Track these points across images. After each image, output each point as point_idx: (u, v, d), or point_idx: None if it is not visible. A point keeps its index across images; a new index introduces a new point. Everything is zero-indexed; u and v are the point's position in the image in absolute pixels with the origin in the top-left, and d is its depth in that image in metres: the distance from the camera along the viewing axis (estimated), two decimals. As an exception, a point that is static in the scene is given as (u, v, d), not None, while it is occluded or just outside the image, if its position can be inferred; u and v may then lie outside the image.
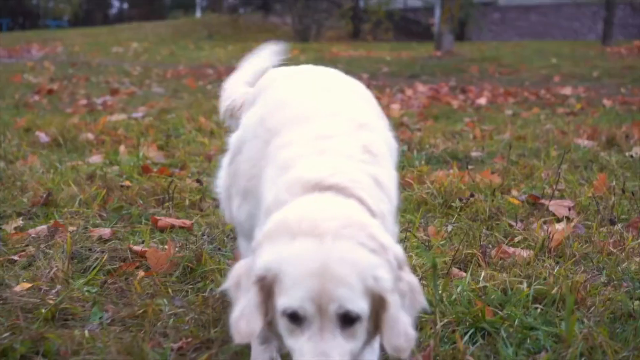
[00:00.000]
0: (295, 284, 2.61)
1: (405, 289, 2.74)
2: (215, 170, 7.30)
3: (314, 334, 2.60)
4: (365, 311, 2.62)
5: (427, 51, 27.82)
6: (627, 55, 24.76)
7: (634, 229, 5.36)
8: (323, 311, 2.58)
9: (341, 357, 2.59)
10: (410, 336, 2.69)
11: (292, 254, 2.65)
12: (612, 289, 4.19)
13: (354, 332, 2.63)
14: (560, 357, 3.29)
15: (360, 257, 2.65)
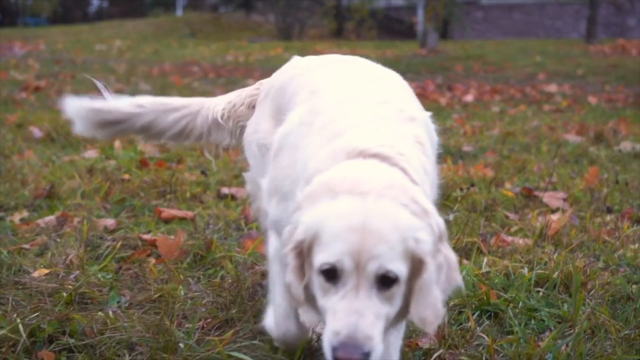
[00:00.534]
0: (334, 238, 2.58)
1: (443, 262, 2.70)
2: (211, 165, 7.50)
3: (349, 291, 2.57)
4: (404, 274, 2.59)
5: (412, 49, 28.00)
6: (610, 53, 25.03)
7: (627, 218, 5.53)
8: (361, 269, 2.55)
9: (375, 319, 2.56)
10: (440, 311, 2.66)
11: (333, 211, 2.62)
12: (609, 274, 4.34)
13: (390, 295, 2.60)
14: (565, 335, 3.42)
15: (402, 217, 2.62)
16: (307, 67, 3.63)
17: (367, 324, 2.53)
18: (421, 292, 2.63)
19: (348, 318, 2.53)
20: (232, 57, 27.30)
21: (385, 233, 2.56)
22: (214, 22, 47.69)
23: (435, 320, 2.66)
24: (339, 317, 2.55)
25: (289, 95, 3.50)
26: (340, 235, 2.57)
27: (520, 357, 3.18)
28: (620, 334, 3.49)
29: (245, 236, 5.20)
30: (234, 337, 3.36)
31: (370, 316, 2.55)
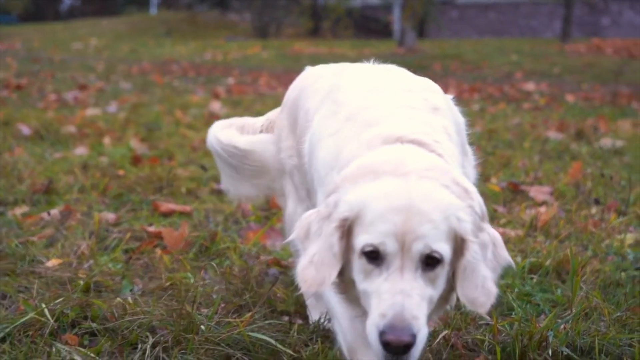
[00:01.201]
0: (378, 219, 2.56)
1: (487, 241, 2.67)
2: (201, 160, 7.66)
3: (393, 272, 2.53)
4: (448, 254, 2.57)
5: (389, 48, 28.22)
6: (585, 52, 25.36)
7: (612, 210, 5.76)
8: (406, 250, 2.52)
9: (421, 300, 2.52)
10: (490, 291, 2.63)
11: (376, 191, 2.60)
12: (598, 262, 4.56)
13: (434, 277, 2.57)
14: (561, 317, 3.63)
15: (444, 197, 2.61)
16: (319, 75, 3.63)
17: (413, 305, 2.51)
18: (466, 272, 2.62)
19: (394, 298, 2.51)
20: (210, 55, 27.39)
21: (429, 213, 2.55)
22: (189, 21, 47.66)
23: (487, 301, 2.63)
24: (384, 299, 2.52)
25: (304, 104, 3.49)
26: (384, 216, 2.56)
27: (523, 336, 3.37)
28: (613, 315, 3.71)
29: (245, 228, 5.37)
30: (252, 318, 3.53)
31: (416, 297, 2.53)
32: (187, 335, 3.34)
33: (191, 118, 11.16)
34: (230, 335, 3.36)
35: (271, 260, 4.63)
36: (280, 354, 3.30)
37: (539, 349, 3.34)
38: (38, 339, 3.38)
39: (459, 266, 2.62)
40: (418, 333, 2.47)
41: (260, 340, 3.35)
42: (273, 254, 4.83)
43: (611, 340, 3.46)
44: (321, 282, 2.64)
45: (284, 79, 17.89)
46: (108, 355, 3.33)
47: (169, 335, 3.37)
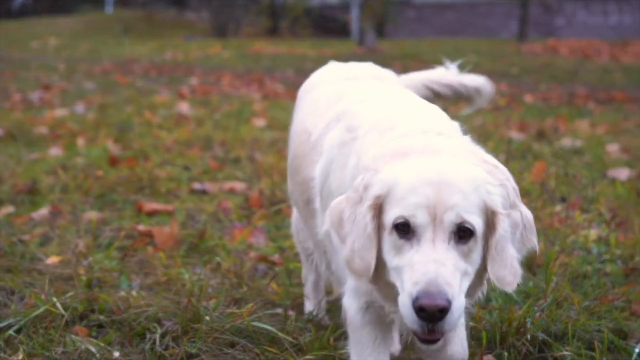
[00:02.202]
0: (408, 192, 2.57)
1: (519, 220, 2.69)
2: (176, 161, 7.88)
3: (425, 244, 2.53)
4: (481, 227, 2.58)
5: (349, 48, 28.46)
6: (541, 53, 25.82)
7: (576, 208, 6.08)
8: (437, 221, 2.53)
9: (454, 269, 2.52)
10: (517, 271, 2.65)
11: (407, 167, 2.62)
12: (565, 256, 4.87)
13: (468, 250, 2.57)
14: (536, 306, 3.93)
15: (474, 171, 2.63)
16: (318, 82, 3.74)
17: (447, 273, 2.50)
18: (497, 249, 2.62)
19: (426, 267, 2.50)
20: (171, 55, 27.43)
21: (460, 185, 2.57)
22: (146, 20, 47.49)
23: (514, 280, 2.66)
24: (417, 269, 2.51)
25: (295, 124, 3.62)
26: (414, 189, 2.57)
27: (503, 323, 3.67)
28: (582, 304, 4.02)
29: (230, 227, 5.61)
30: (253, 309, 3.79)
31: (450, 266, 2.52)
32: (194, 325, 3.59)
33: (161, 118, 11.34)
34: (233, 325, 3.62)
35: (259, 257, 4.89)
36: (280, 341, 3.57)
37: (517, 335, 3.65)
38: (52, 331, 3.62)
39: (492, 243, 2.62)
40: (453, 300, 2.48)
41: (262, 329, 3.62)
42: (259, 250, 5.08)
43: (582, 327, 3.78)
44: (368, 267, 2.66)
45: (246, 79, 18.07)
46: (119, 345, 3.57)
47: (177, 326, 3.62)
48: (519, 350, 3.61)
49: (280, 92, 15.29)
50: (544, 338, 3.69)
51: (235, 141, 9.15)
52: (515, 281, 2.67)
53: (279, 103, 13.43)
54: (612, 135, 10.24)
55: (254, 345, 3.54)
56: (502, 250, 2.63)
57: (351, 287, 2.94)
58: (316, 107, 3.49)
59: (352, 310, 2.96)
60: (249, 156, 8.24)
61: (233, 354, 3.50)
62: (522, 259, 2.73)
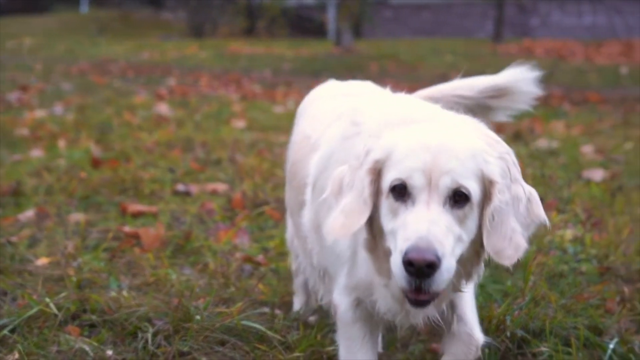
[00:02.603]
0: (406, 156, 2.60)
1: (521, 194, 2.68)
2: (158, 162, 7.96)
3: (419, 205, 2.55)
4: (477, 193, 2.59)
5: (326, 48, 28.60)
6: (517, 53, 26.01)
7: (552, 208, 6.23)
8: (433, 185, 2.55)
9: (447, 230, 2.52)
10: (520, 245, 2.63)
11: (407, 133, 2.67)
12: (542, 256, 5.01)
13: (463, 216, 2.58)
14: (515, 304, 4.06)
15: (473, 140, 2.66)
16: (319, 97, 3.75)
17: (439, 231, 2.51)
18: (494, 221, 2.61)
19: (419, 225, 2.51)
20: (148, 55, 27.42)
21: (457, 151, 2.60)
22: (122, 20, 47.34)
23: (514, 254, 2.63)
24: (409, 227, 2.52)
25: (295, 134, 3.65)
26: (412, 153, 2.60)
27: (483, 320, 3.80)
28: (559, 302, 4.16)
29: (214, 228, 5.71)
30: (243, 308, 3.91)
31: (443, 226, 2.52)
32: (185, 324, 3.70)
33: (140, 120, 11.40)
34: (223, 324, 3.73)
35: (244, 257, 5.00)
36: (269, 339, 3.68)
37: (497, 332, 3.78)
38: (46, 331, 3.71)
39: (487, 213, 2.62)
40: (442, 258, 2.48)
41: (251, 328, 3.74)
42: (244, 251, 5.19)
43: (559, 324, 3.92)
44: (349, 227, 2.68)
45: (224, 80, 18.13)
46: (111, 344, 3.68)
47: (168, 325, 3.73)
48: (498, 347, 3.74)
49: (258, 93, 15.39)
50: (523, 335, 3.83)
51: (216, 142, 9.24)
52: (516, 255, 2.65)
53: (258, 104, 13.54)
54: (587, 136, 10.41)
55: (244, 343, 3.66)
56: (500, 223, 2.62)
57: (342, 284, 3.01)
58: (317, 117, 3.51)
59: (343, 306, 3.03)
60: (230, 158, 8.34)
61: (223, 351, 3.61)
62: (530, 236, 2.72)
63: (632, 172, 7.96)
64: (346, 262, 2.98)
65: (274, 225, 5.81)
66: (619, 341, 3.77)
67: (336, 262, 3.04)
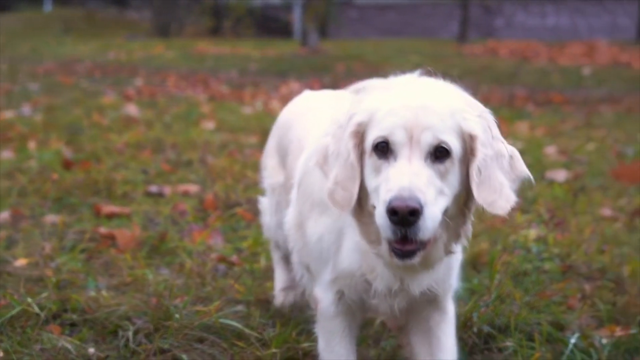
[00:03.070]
0: (388, 114, 2.70)
1: (503, 150, 2.80)
2: (129, 163, 8.05)
3: (401, 160, 2.64)
4: (458, 149, 2.68)
5: (292, 49, 28.70)
6: (481, 54, 26.33)
7: (516, 209, 6.41)
8: (414, 141, 2.64)
9: (429, 182, 2.60)
10: (510, 196, 2.73)
11: (389, 94, 2.79)
12: (507, 255, 5.19)
13: (445, 171, 2.67)
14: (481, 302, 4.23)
15: (454, 100, 2.78)
16: (310, 107, 3.76)
17: (420, 182, 2.60)
18: (481, 175, 2.71)
19: (401, 177, 2.60)
20: (114, 55, 27.37)
21: (438, 109, 2.70)
22: (87, 19, 47.10)
23: (506, 204, 2.73)
24: (392, 180, 2.62)
25: (290, 138, 3.64)
26: (393, 111, 2.70)
27: (451, 317, 3.97)
28: (523, 300, 4.34)
29: (188, 229, 5.83)
30: (220, 306, 4.05)
31: (424, 178, 2.61)
32: (165, 322, 3.83)
33: (110, 121, 11.44)
34: (202, 322, 3.87)
35: (219, 257, 5.14)
36: (246, 336, 3.82)
37: (464, 328, 3.95)
38: (29, 330, 3.82)
39: (473, 168, 2.71)
40: (425, 205, 2.56)
41: (229, 325, 3.87)
42: (218, 251, 5.32)
43: (523, 320, 4.11)
44: (350, 197, 2.77)
45: (191, 80, 18.18)
46: (93, 343, 3.80)
47: (148, 323, 3.85)
48: (465, 342, 3.91)
49: (226, 94, 15.49)
50: (489, 331, 4.01)
51: (187, 144, 9.33)
52: (508, 205, 2.75)
53: (226, 105, 13.65)
54: (551, 137, 10.64)
55: (222, 341, 3.80)
56: (488, 177, 2.72)
57: (326, 279, 3.11)
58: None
59: (326, 300, 3.14)
60: (201, 159, 8.44)
61: (202, 348, 3.75)
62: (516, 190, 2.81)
63: (594, 173, 8.20)
64: (330, 259, 3.07)
65: (246, 226, 5.94)
66: (580, 336, 3.95)
67: (319, 258, 3.13)
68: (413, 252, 2.69)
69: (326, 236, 3.07)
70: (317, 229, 3.12)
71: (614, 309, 4.42)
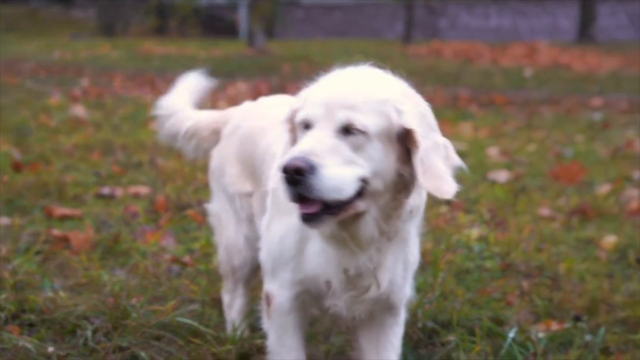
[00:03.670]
0: (314, 94, 2.86)
1: (440, 142, 2.92)
2: (78, 165, 8.13)
3: (313, 130, 2.79)
4: (374, 129, 2.77)
5: (238, 49, 28.75)
6: (426, 55, 26.65)
7: (459, 209, 6.65)
8: (330, 116, 2.77)
9: (333, 151, 2.71)
10: (453, 182, 2.85)
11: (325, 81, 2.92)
12: (450, 254, 5.40)
13: (358, 144, 2.76)
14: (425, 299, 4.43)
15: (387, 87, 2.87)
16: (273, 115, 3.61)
17: (320, 148, 2.72)
18: (424, 164, 2.80)
19: (304, 143, 2.77)
20: (59, 55, 27.16)
21: (362, 91, 2.82)
22: (30, 17, 46.59)
23: (451, 188, 2.85)
24: (296, 147, 2.79)
25: (263, 148, 3.59)
26: (318, 93, 2.86)
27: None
28: (465, 297, 4.56)
29: (140, 230, 5.95)
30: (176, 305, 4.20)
31: (327, 144, 2.73)
32: (123, 321, 3.97)
33: (57, 122, 11.44)
34: (159, 320, 4.02)
35: (172, 258, 5.28)
36: (202, 333, 3.98)
37: (410, 324, 4.14)
38: (-13, 332, 3.95)
39: (417, 159, 2.80)
40: (318, 167, 2.68)
41: (185, 323, 4.03)
42: (171, 252, 5.46)
43: (465, 316, 4.33)
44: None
45: (138, 80, 18.17)
46: (52, 342, 3.92)
47: (106, 322, 3.99)
48: (411, 337, 4.10)
49: (173, 94, 15.50)
50: (433, 326, 4.22)
51: (136, 145, 9.40)
52: (452, 189, 2.87)
53: (174, 106, 13.65)
54: (493, 138, 10.93)
55: (179, 338, 3.95)
56: (430, 166, 2.82)
57: (286, 278, 3.20)
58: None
59: (282, 297, 3.23)
60: (151, 161, 8.53)
61: (160, 345, 3.89)
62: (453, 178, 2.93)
63: (534, 174, 8.48)
64: (293, 259, 3.17)
65: (197, 227, 6.07)
66: (518, 331, 4.15)
67: (280, 257, 3.21)
68: (317, 215, 2.78)
69: (290, 236, 3.15)
70: (280, 228, 3.20)
71: (550, 305, 4.66)
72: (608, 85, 18.84)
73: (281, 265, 3.22)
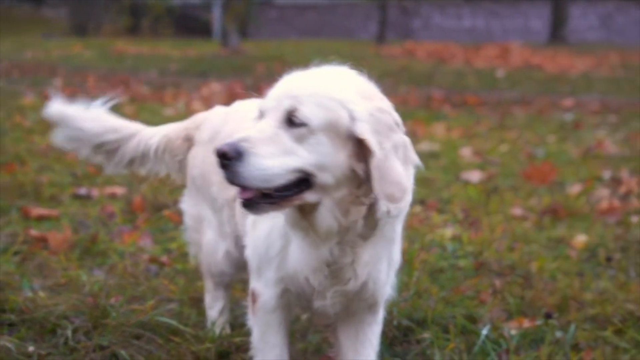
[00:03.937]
0: (272, 90, 2.94)
1: (400, 142, 2.90)
2: (54, 166, 8.15)
3: (260, 121, 2.88)
4: (317, 122, 2.81)
5: (212, 49, 28.77)
6: (399, 55, 26.79)
7: (433, 209, 6.74)
8: (277, 107, 2.83)
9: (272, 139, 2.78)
10: (405, 186, 2.84)
11: (287, 79, 2.96)
12: (425, 253, 5.49)
13: (301, 136, 2.81)
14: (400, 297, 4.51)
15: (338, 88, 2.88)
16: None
17: (257, 136, 2.79)
18: (381, 171, 2.79)
19: (245, 131, 2.84)
20: (31, 54, 27.04)
21: (313, 85, 2.88)
22: (1, 16, 46.31)
23: (401, 196, 2.83)
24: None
25: None
26: (277, 86, 2.94)
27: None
28: (439, 295, 4.65)
29: (117, 231, 5.99)
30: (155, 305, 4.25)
31: (266, 133, 2.80)
32: (103, 320, 4.03)
33: (32, 122, 11.41)
34: (138, 320, 4.07)
35: (149, 258, 5.34)
36: (181, 332, 4.03)
37: (385, 321, 4.18)
38: (-36, 333, 3.99)
39: (372, 166, 2.80)
40: (245, 153, 2.74)
41: (165, 322, 4.08)
42: (148, 252, 5.52)
43: (439, 314, 4.41)
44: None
45: (111, 80, 18.13)
46: (32, 341, 3.97)
47: (87, 322, 4.04)
48: (386, 335, 4.17)
49: (147, 95, 15.55)
50: (408, 324, 4.30)
51: (111, 146, 9.38)
52: (403, 197, 2.85)
53: (148, 106, 13.70)
54: (466, 138, 11.05)
55: (158, 337, 4.00)
56: (387, 172, 2.82)
57: (270, 277, 3.25)
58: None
59: (266, 295, 3.29)
60: (126, 161, 8.53)
61: (140, 344, 3.94)
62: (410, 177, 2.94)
63: (506, 174, 8.60)
64: (277, 256, 3.23)
65: (174, 228, 6.11)
66: (491, 328, 4.24)
67: (265, 255, 3.26)
68: (253, 201, 2.85)
69: (274, 234, 3.20)
70: (266, 226, 3.23)
71: (522, 303, 4.75)
72: (579, 86, 19.05)
73: (266, 263, 3.27)
